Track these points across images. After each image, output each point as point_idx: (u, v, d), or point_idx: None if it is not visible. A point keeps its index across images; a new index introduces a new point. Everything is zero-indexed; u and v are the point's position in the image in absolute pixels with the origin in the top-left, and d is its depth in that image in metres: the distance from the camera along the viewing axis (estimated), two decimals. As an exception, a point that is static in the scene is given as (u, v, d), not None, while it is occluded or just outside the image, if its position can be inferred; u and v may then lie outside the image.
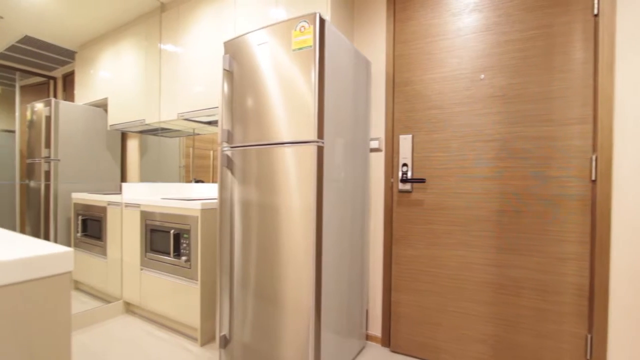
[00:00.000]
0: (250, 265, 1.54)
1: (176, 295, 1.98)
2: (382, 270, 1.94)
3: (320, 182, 1.39)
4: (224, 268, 1.65)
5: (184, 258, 1.94)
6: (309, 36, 1.37)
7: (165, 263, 2.05)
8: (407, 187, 1.84)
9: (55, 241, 2.56)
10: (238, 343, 1.58)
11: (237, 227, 1.59)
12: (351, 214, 1.69)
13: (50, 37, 2.53)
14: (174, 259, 2.00)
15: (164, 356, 1.77)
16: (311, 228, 1.36)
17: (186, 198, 2.31)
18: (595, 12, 1.41)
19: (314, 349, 1.36)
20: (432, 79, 1.77)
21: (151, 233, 2.14)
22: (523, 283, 1.56)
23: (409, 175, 1.83)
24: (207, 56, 2.25)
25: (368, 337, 1.98)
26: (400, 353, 1.85)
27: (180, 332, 2.05)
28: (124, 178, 3.09)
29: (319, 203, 1.38)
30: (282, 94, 1.45)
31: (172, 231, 1.99)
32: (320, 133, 1.38)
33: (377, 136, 1.95)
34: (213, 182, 2.68)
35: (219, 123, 1.66)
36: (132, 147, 3.07)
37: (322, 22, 1.38)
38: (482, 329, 1.65)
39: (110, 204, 2.41)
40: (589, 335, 1.43)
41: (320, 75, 1.37)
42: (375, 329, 1.96)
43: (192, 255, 1.91)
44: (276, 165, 1.46)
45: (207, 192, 2.68)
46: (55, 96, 2.83)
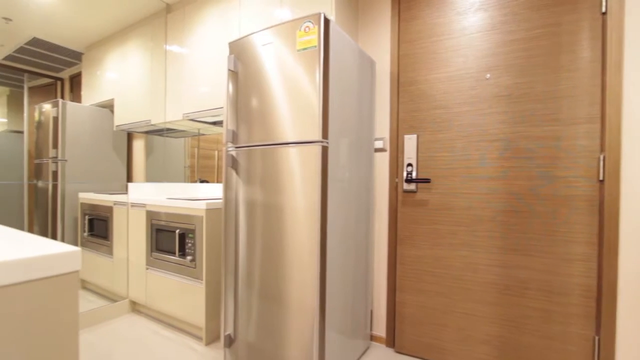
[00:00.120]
0: (255, 265, 1.54)
1: (181, 295, 1.99)
2: (386, 270, 1.93)
3: (324, 182, 1.39)
4: (228, 268, 1.65)
5: (189, 258, 1.96)
6: (314, 36, 1.37)
7: (170, 262, 2.06)
8: (412, 187, 1.83)
9: (62, 240, 2.59)
10: (243, 342, 1.59)
11: (242, 227, 1.60)
12: (356, 214, 1.69)
13: (57, 38, 2.56)
14: (179, 259, 2.01)
15: (169, 355, 1.78)
16: (316, 228, 1.36)
17: (191, 198, 2.32)
18: (604, 10, 1.39)
19: (319, 349, 1.36)
20: (437, 79, 1.77)
21: (157, 233, 2.15)
22: (529, 284, 1.55)
23: (414, 175, 1.82)
24: (212, 57, 2.26)
25: (372, 338, 1.98)
26: (405, 354, 1.85)
27: (185, 331, 2.06)
28: (129, 178, 3.11)
29: (323, 203, 1.38)
30: (286, 94, 1.45)
31: (177, 231, 2.00)
32: (324, 133, 1.38)
33: (382, 136, 1.94)
34: (218, 182, 2.70)
35: (224, 123, 1.67)
36: (138, 147, 3.09)
37: (326, 22, 1.38)
38: (487, 330, 1.64)
39: (116, 204, 2.43)
40: (596, 337, 1.42)
41: (325, 75, 1.38)
42: (380, 330, 1.96)
43: (197, 254, 1.92)
44: (281, 165, 1.46)
45: (212, 192, 2.69)
46: (62, 97, 2.86)
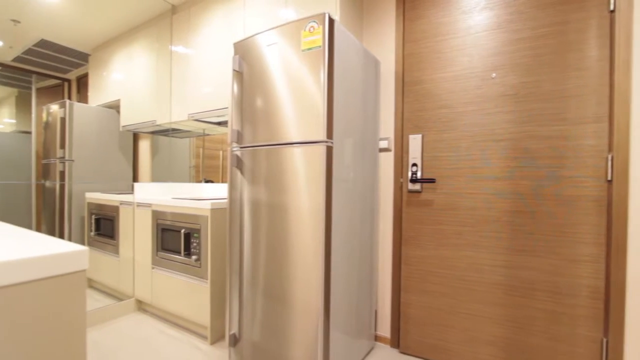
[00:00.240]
0: (260, 265, 1.55)
1: (186, 294, 2.00)
2: (391, 270, 1.92)
3: (329, 182, 1.39)
4: (233, 267, 1.66)
5: (194, 257, 1.97)
6: (318, 36, 1.37)
7: (175, 262, 2.08)
8: (417, 187, 1.82)
9: (69, 240, 2.62)
10: (247, 342, 1.59)
11: (247, 226, 1.60)
12: (360, 214, 1.68)
13: (65, 40, 2.59)
14: (185, 258, 2.02)
15: (174, 354, 1.79)
16: (320, 228, 1.36)
17: (196, 198, 2.34)
18: (612, 8, 1.38)
19: (323, 349, 1.36)
20: (443, 78, 1.76)
21: (162, 232, 2.17)
22: (535, 285, 1.53)
23: (419, 175, 1.82)
24: (217, 57, 2.27)
25: (377, 338, 1.97)
26: (410, 354, 1.84)
27: (190, 331, 2.07)
28: (135, 178, 3.14)
29: (328, 203, 1.38)
30: (291, 94, 1.46)
31: (182, 230, 2.01)
32: (329, 133, 1.38)
33: (387, 136, 1.94)
34: (222, 182, 2.71)
35: (229, 123, 1.68)
36: (144, 147, 3.12)
37: (331, 22, 1.38)
38: (493, 331, 1.62)
39: (122, 204, 2.45)
40: (604, 339, 1.40)
41: (330, 75, 1.37)
42: (384, 330, 1.95)
43: (202, 254, 1.93)
44: (285, 165, 1.47)
45: (217, 192, 2.70)
46: (69, 98, 2.90)
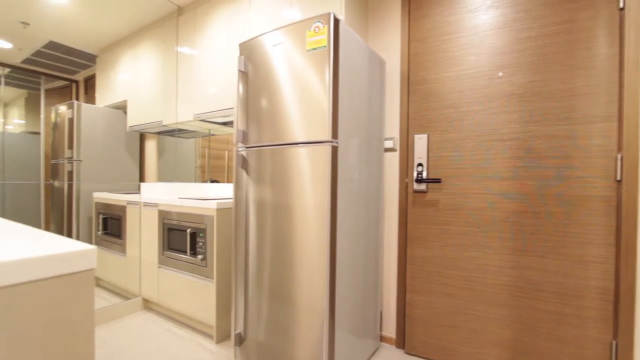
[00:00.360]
0: (265, 265, 1.55)
1: (192, 293, 2.02)
2: (396, 271, 1.92)
3: (334, 182, 1.38)
4: (239, 267, 1.67)
5: (200, 257, 1.98)
6: (323, 36, 1.37)
7: (182, 261, 2.09)
8: (422, 187, 1.81)
9: (77, 239, 2.65)
10: (253, 341, 1.60)
11: (252, 226, 1.61)
12: (365, 214, 1.68)
13: (73, 42, 2.63)
14: (191, 258, 2.04)
15: (180, 353, 1.80)
16: (325, 228, 1.36)
17: (202, 198, 2.35)
18: (621, 5, 1.36)
19: (328, 348, 1.36)
20: (448, 77, 1.75)
21: (168, 232, 2.18)
22: (542, 286, 1.52)
23: (424, 175, 1.81)
24: (223, 58, 2.28)
25: (382, 339, 1.97)
26: (416, 355, 1.83)
27: (196, 329, 2.08)
28: (142, 178, 3.17)
29: (333, 203, 1.38)
30: (296, 94, 1.46)
31: (188, 230, 2.02)
32: (334, 133, 1.38)
33: (392, 136, 1.93)
34: (228, 182, 2.72)
35: (235, 124, 1.68)
36: (150, 147, 3.15)
37: (336, 22, 1.38)
38: (499, 333, 1.61)
39: (129, 203, 2.47)
40: (614, 342, 1.38)
41: (335, 75, 1.37)
42: (390, 330, 1.94)
43: (208, 254, 1.94)
44: (291, 165, 1.47)
45: (223, 192, 2.71)
46: (77, 99, 2.93)
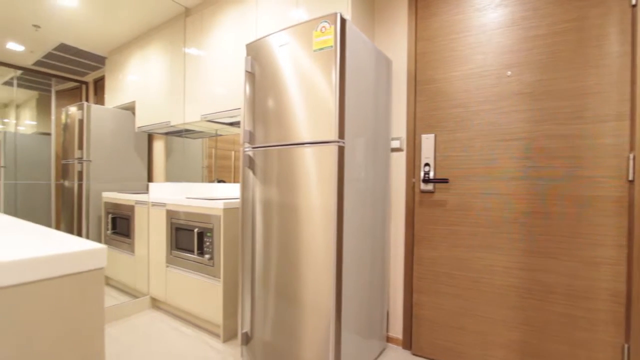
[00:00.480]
0: (271, 265, 1.56)
1: (200, 293, 2.03)
2: (403, 271, 1.91)
3: (341, 182, 1.38)
4: (245, 266, 1.67)
5: (207, 256, 1.99)
6: (330, 36, 1.37)
7: (189, 261, 2.11)
8: (430, 187, 1.80)
9: (87, 238, 2.68)
10: (259, 340, 1.60)
11: (259, 226, 1.61)
12: (372, 214, 1.68)
13: (83, 44, 2.67)
14: (198, 257, 2.05)
15: (187, 351, 1.82)
16: (332, 228, 1.36)
17: (209, 198, 2.37)
18: (633, 2, 1.33)
19: (334, 349, 1.36)
20: (456, 77, 1.73)
21: (176, 231, 2.20)
22: (552, 288, 1.49)
23: (432, 175, 1.79)
24: (230, 59, 2.30)
25: (389, 339, 1.96)
26: (422, 356, 1.82)
27: (203, 328, 2.10)
28: (150, 178, 3.20)
29: (339, 203, 1.38)
30: (303, 94, 1.46)
31: (196, 230, 2.04)
32: (341, 133, 1.38)
33: (399, 136, 1.92)
34: (235, 182, 2.73)
35: (241, 124, 1.69)
36: (158, 148, 3.18)
37: (342, 22, 1.38)
38: (508, 335, 1.59)
39: (137, 203, 2.50)
40: (626, 345, 1.36)
41: (341, 75, 1.37)
42: (396, 331, 1.93)
43: (215, 253, 1.96)
44: (297, 165, 1.47)
45: (229, 192, 2.73)
46: (87, 100, 2.98)
